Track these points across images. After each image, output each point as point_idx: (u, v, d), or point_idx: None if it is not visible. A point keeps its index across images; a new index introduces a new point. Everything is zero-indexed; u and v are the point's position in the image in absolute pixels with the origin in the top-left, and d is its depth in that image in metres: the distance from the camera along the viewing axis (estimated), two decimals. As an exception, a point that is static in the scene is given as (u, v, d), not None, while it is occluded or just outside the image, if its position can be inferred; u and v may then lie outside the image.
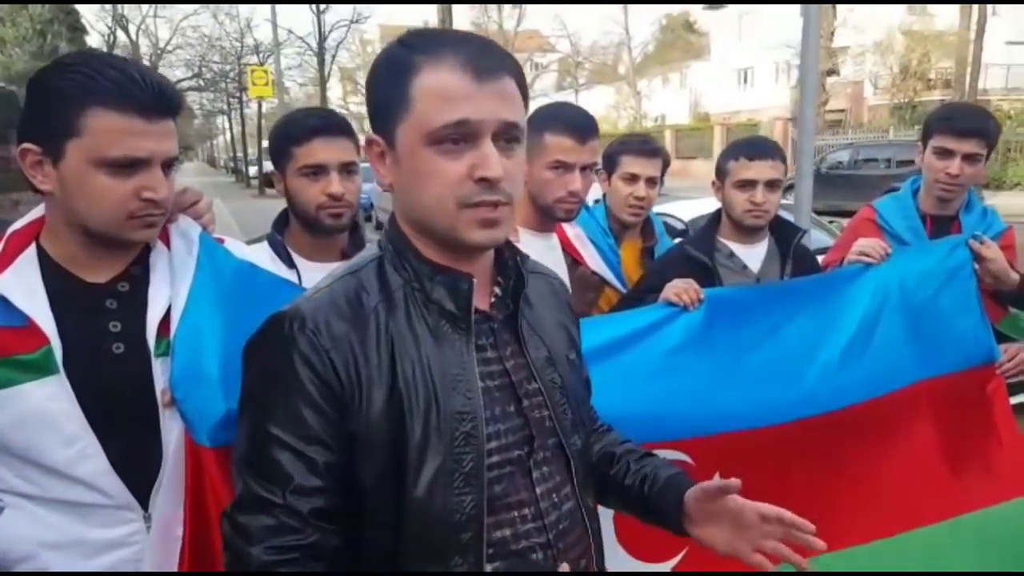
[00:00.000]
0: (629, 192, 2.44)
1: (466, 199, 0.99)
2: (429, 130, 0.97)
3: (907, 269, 2.10)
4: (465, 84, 0.97)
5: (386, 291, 1.04)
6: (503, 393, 1.06)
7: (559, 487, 1.09)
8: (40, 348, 1.21)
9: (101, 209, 1.24)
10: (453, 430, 0.99)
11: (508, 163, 1.00)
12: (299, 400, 0.97)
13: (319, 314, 0.99)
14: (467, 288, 1.03)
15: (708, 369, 1.90)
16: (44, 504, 1.26)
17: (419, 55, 0.99)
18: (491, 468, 1.02)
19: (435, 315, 1.04)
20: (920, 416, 2.08)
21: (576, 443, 1.13)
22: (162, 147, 1.24)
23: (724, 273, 2.21)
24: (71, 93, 1.19)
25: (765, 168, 2.16)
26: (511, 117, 1.00)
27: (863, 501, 2.01)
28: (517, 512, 1.04)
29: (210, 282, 1.35)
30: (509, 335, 1.10)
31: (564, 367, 1.15)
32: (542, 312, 1.17)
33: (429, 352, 1.02)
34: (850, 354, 2.00)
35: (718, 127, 31.25)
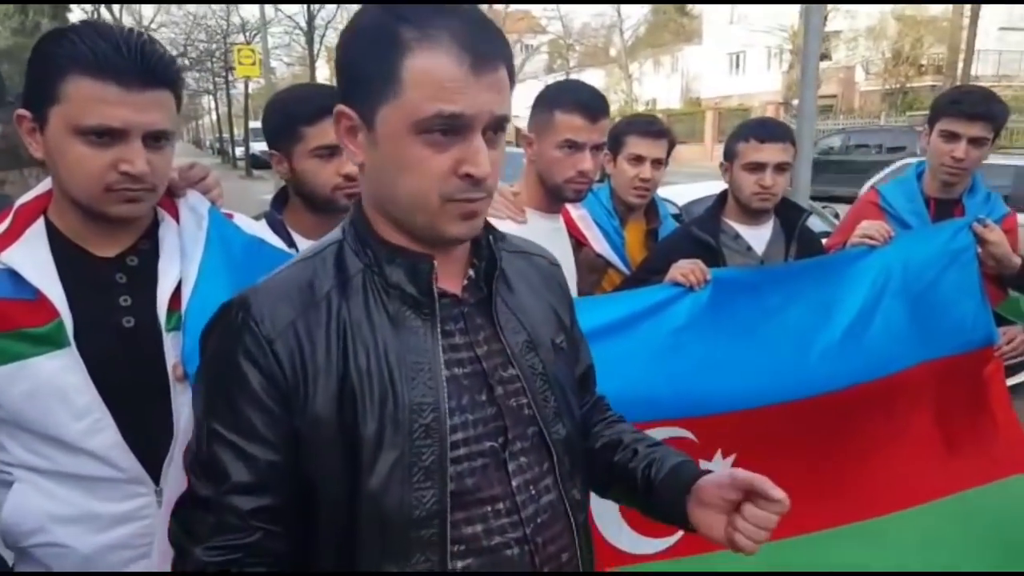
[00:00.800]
0: (635, 173, 2.44)
1: (450, 195, 0.93)
2: (418, 119, 0.90)
3: (910, 252, 2.12)
4: (462, 74, 0.90)
5: (343, 276, 0.99)
6: (473, 381, 1.00)
7: (538, 478, 1.03)
8: (51, 321, 1.20)
9: (78, 180, 1.21)
10: (412, 422, 0.94)
11: (493, 155, 0.95)
12: (240, 396, 0.93)
13: (266, 302, 0.95)
14: (427, 270, 0.98)
15: (713, 349, 1.91)
16: (54, 478, 1.26)
17: (411, 31, 0.90)
18: (458, 461, 0.96)
19: (395, 300, 0.98)
20: (920, 397, 2.11)
21: (559, 432, 1.06)
22: (142, 118, 1.19)
23: (729, 254, 2.21)
24: (56, 60, 1.17)
25: (776, 151, 2.16)
26: (503, 111, 0.94)
27: (864, 479, 2.05)
28: (490, 507, 0.98)
29: (220, 257, 1.35)
30: (483, 319, 1.04)
31: (548, 352, 1.09)
32: (524, 294, 1.11)
33: (387, 339, 0.96)
34: (852, 335, 2.02)
35: (710, 112, 31.24)
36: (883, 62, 27.83)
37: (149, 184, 1.24)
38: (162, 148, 1.25)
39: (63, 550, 1.27)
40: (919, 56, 27.26)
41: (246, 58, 20.33)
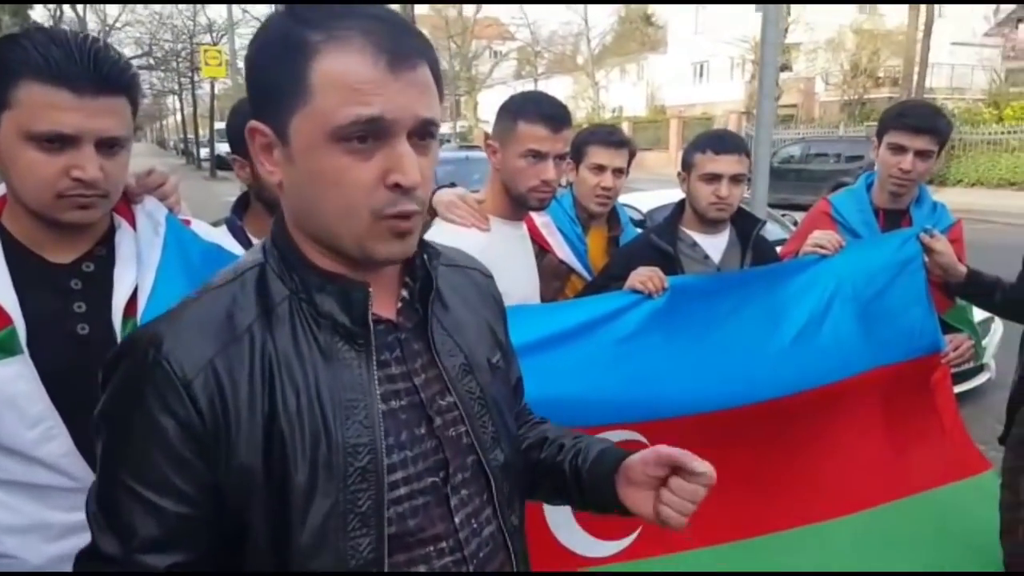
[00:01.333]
0: (596, 182, 2.48)
1: (381, 210, 0.84)
2: (333, 127, 0.82)
3: (860, 261, 2.18)
4: (378, 73, 0.81)
5: (265, 305, 0.89)
6: (411, 414, 0.92)
7: (479, 510, 0.97)
8: (3, 328, 1.18)
9: (30, 186, 1.20)
10: (347, 465, 0.85)
11: (423, 163, 0.86)
12: (151, 444, 0.82)
13: (180, 338, 0.84)
14: (362, 298, 0.89)
15: (668, 354, 1.95)
16: (5, 487, 1.24)
17: (318, 33, 0.82)
18: (398, 502, 0.89)
19: (327, 331, 0.89)
20: (868, 403, 2.17)
21: (498, 458, 1.00)
22: (94, 125, 1.18)
23: (686, 262, 2.26)
24: (8, 65, 1.16)
25: (731, 163, 2.21)
26: (429, 113, 0.85)
27: (811, 484, 2.10)
28: (433, 547, 0.92)
29: (177, 264, 1.34)
30: (420, 344, 0.96)
31: (484, 374, 1.02)
32: (460, 312, 1.04)
33: (318, 375, 0.87)
34: (802, 341, 2.07)
35: (674, 120, 31.65)
36: (842, 74, 28.50)
37: (102, 190, 1.23)
38: (115, 154, 1.24)
39: (13, 561, 1.24)
40: (876, 68, 27.98)
41: (212, 59, 20.09)
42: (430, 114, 0.86)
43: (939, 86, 26.41)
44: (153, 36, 27.99)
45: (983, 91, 24.61)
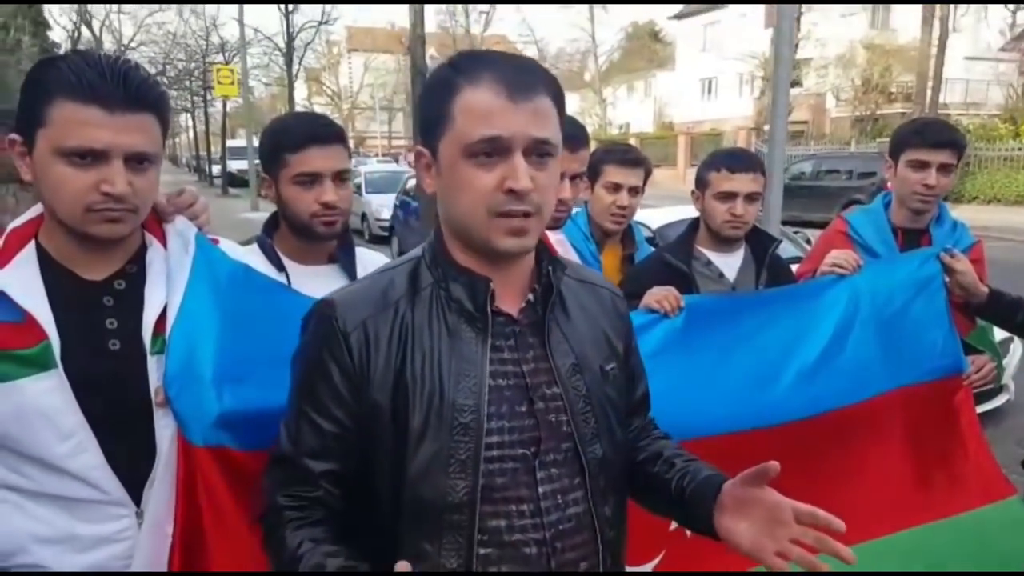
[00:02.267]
0: (612, 200, 2.47)
1: (496, 208, 1.05)
2: (466, 143, 1.05)
3: (879, 281, 2.15)
4: (500, 103, 1.04)
5: (414, 287, 1.13)
6: (515, 393, 1.11)
7: (567, 490, 1.12)
8: (39, 343, 1.22)
9: (61, 199, 1.23)
10: (453, 419, 1.07)
11: (539, 176, 1.06)
12: (318, 377, 1.10)
13: (347, 302, 1.12)
14: (484, 289, 1.10)
15: (685, 375, 1.92)
16: (36, 498, 1.26)
17: (461, 76, 1.06)
18: (490, 460, 1.07)
19: (455, 313, 1.11)
20: (889, 425, 2.13)
21: (596, 451, 1.15)
22: (123, 140, 1.21)
23: (701, 281, 2.23)
24: (43, 85, 1.21)
25: (746, 181, 2.19)
26: (541, 134, 1.05)
27: (833, 508, 2.04)
28: (515, 506, 1.09)
29: (206, 283, 1.36)
30: (535, 340, 1.14)
31: (594, 377, 1.18)
32: (579, 321, 1.20)
33: (442, 346, 1.09)
34: (822, 363, 2.04)
35: (682, 136, 31.72)
36: (853, 89, 28.49)
37: (131, 205, 1.25)
38: (145, 170, 1.26)
39: (44, 571, 1.26)
40: (888, 84, 27.96)
41: (225, 78, 20.33)
42: (543, 135, 1.06)
43: (953, 101, 26.35)
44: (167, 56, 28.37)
45: (999, 106, 24.52)
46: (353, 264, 1.82)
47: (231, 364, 1.32)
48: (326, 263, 1.83)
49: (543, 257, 1.18)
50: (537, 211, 1.07)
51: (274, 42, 27.45)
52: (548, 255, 1.19)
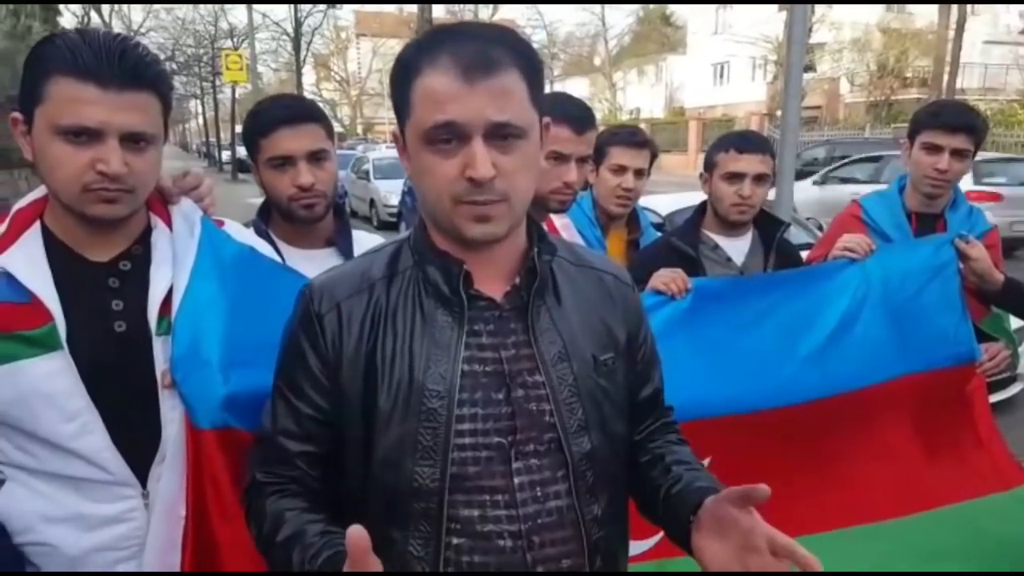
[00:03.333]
0: (617, 183, 2.43)
1: (459, 197, 1.01)
2: (423, 131, 1.01)
3: (891, 265, 2.11)
4: (455, 86, 0.98)
5: (392, 269, 1.11)
6: (491, 379, 1.06)
7: (547, 483, 1.07)
8: (45, 325, 1.22)
9: (58, 178, 1.22)
10: (420, 404, 1.04)
11: (503, 160, 1.00)
12: (295, 359, 1.11)
13: (326, 285, 1.11)
14: (457, 272, 1.06)
15: (691, 357, 1.89)
16: (44, 478, 1.28)
17: (422, 56, 1.01)
18: (462, 448, 1.04)
19: (432, 297, 1.08)
20: (899, 411, 2.10)
21: (583, 445, 1.09)
22: (118, 119, 1.19)
23: (708, 265, 2.21)
24: (42, 62, 1.19)
25: (754, 162, 2.15)
26: (500, 117, 0.99)
27: (838, 490, 2.04)
28: (489, 496, 1.05)
29: (211, 265, 1.36)
30: (518, 325, 1.09)
31: (584, 366, 1.11)
32: (571, 308, 1.14)
33: (415, 330, 1.07)
34: (831, 346, 2.01)
35: (693, 121, 31.48)
36: (868, 74, 28.16)
37: (127, 185, 1.23)
38: (142, 150, 1.24)
39: (51, 550, 1.28)
40: (904, 68, 27.60)
41: (233, 63, 20.33)
42: (502, 117, 0.99)
43: (971, 87, 25.97)
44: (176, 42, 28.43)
45: (1018, 91, 24.15)
46: (350, 248, 1.81)
47: (237, 346, 1.31)
48: (323, 247, 1.82)
49: (532, 240, 1.13)
50: (504, 197, 1.02)
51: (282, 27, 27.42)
52: (540, 236, 1.14)
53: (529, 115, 1.03)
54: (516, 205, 1.04)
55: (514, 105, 1.00)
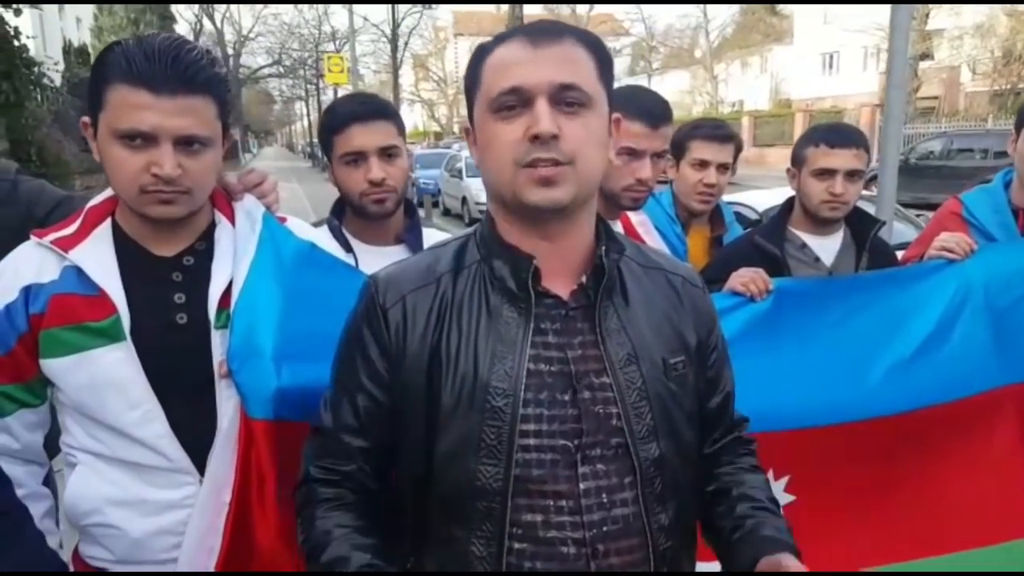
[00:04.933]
0: (699, 179, 2.36)
1: (522, 158, 1.00)
2: (489, 99, 1.02)
3: (994, 267, 1.96)
4: (521, 53, 1.01)
5: (459, 263, 1.10)
6: (557, 380, 1.04)
7: (615, 489, 1.04)
8: (110, 316, 1.28)
9: (118, 180, 1.27)
10: (484, 401, 1.02)
11: (568, 123, 1.00)
12: (357, 352, 1.10)
13: (392, 278, 1.11)
14: (526, 268, 1.04)
15: (771, 363, 1.81)
16: (110, 463, 1.34)
17: (495, 42, 1.06)
18: (526, 449, 1.02)
19: (498, 292, 1.06)
20: (1000, 424, 1.95)
21: (651, 451, 1.06)
22: (171, 123, 1.23)
23: (794, 265, 2.11)
24: (102, 69, 1.24)
25: (847, 157, 2.05)
26: (565, 79, 1.00)
27: (933, 513, 1.91)
28: (553, 501, 1.02)
29: (270, 260, 1.39)
30: (585, 325, 1.07)
31: (653, 369, 1.08)
32: (641, 309, 1.11)
33: (481, 325, 1.05)
34: (925, 353, 1.88)
35: (800, 114, 30.19)
36: (992, 61, 26.18)
37: (182, 187, 1.27)
38: (196, 153, 1.27)
39: (116, 531, 1.34)
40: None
41: (335, 66, 21.05)
42: (568, 79, 1.00)
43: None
44: (283, 46, 29.71)
45: None
46: (420, 245, 1.83)
47: (292, 340, 1.34)
48: (393, 243, 1.87)
49: (601, 238, 1.11)
50: (569, 160, 1.00)
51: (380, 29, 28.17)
52: (608, 234, 1.13)
53: (596, 87, 1.03)
54: (582, 173, 1.01)
55: (580, 71, 1.01)
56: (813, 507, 1.85)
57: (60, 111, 10.72)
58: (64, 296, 1.28)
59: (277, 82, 32.44)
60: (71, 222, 1.36)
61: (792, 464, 1.85)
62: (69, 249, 1.30)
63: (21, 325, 1.28)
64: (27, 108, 9.19)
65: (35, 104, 9.60)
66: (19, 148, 8.86)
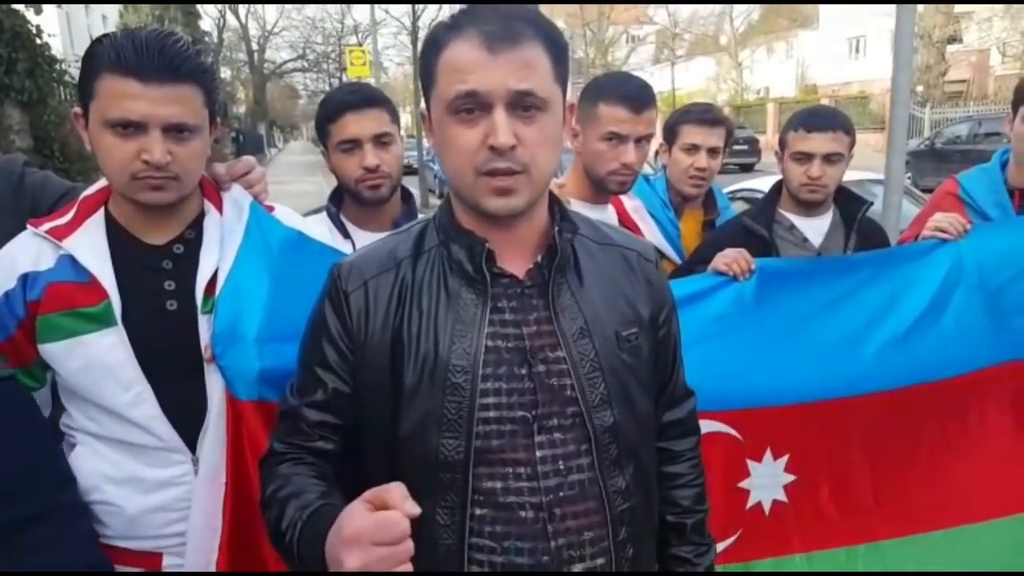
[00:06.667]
0: (690, 163, 2.38)
1: (480, 167, 1.02)
2: (446, 101, 1.02)
3: (988, 246, 1.96)
4: (478, 56, 1.00)
5: (418, 248, 1.14)
6: (514, 355, 1.08)
7: (571, 456, 1.09)
8: (102, 302, 1.32)
9: (110, 168, 1.31)
10: (445, 379, 1.06)
11: (525, 131, 1.02)
12: (321, 334, 1.14)
13: (354, 264, 1.15)
14: (480, 251, 1.08)
15: (758, 340, 1.83)
16: (107, 443, 1.39)
17: (449, 32, 1.04)
18: (486, 422, 1.06)
19: (456, 275, 1.10)
20: (997, 399, 1.95)
21: (605, 419, 1.11)
22: (160, 111, 1.26)
23: (783, 246, 2.13)
24: (92, 60, 1.28)
25: (824, 140, 2.06)
26: (523, 86, 1.00)
27: (925, 488, 1.92)
28: (512, 468, 1.07)
29: (256, 248, 1.43)
30: (540, 302, 1.11)
31: (606, 342, 1.13)
32: (593, 285, 1.16)
33: (440, 307, 1.09)
34: (919, 330, 1.89)
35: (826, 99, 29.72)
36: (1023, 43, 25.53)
37: (171, 173, 1.31)
38: (186, 140, 1.32)
39: (114, 508, 1.39)
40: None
41: (357, 59, 21.16)
42: (525, 86, 1.01)
43: None
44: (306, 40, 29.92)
45: None
46: None
47: (277, 324, 1.37)
48: (389, 228, 1.89)
49: (554, 218, 1.15)
50: (524, 169, 1.03)
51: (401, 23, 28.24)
52: (563, 215, 1.16)
53: (551, 89, 1.04)
54: (536, 178, 1.05)
55: (537, 76, 1.02)
56: (813, 484, 1.88)
57: (84, 108, 10.92)
58: (59, 283, 1.33)
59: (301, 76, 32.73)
60: (65, 212, 1.41)
61: (790, 442, 1.87)
62: (63, 238, 1.35)
63: (19, 311, 1.34)
64: (49, 105, 9.35)
65: (57, 101, 9.76)
66: (42, 144, 9.05)
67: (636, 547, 1.15)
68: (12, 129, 8.70)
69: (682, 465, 1.32)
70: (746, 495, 1.87)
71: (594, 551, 1.10)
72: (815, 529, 1.90)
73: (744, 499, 1.87)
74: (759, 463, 1.87)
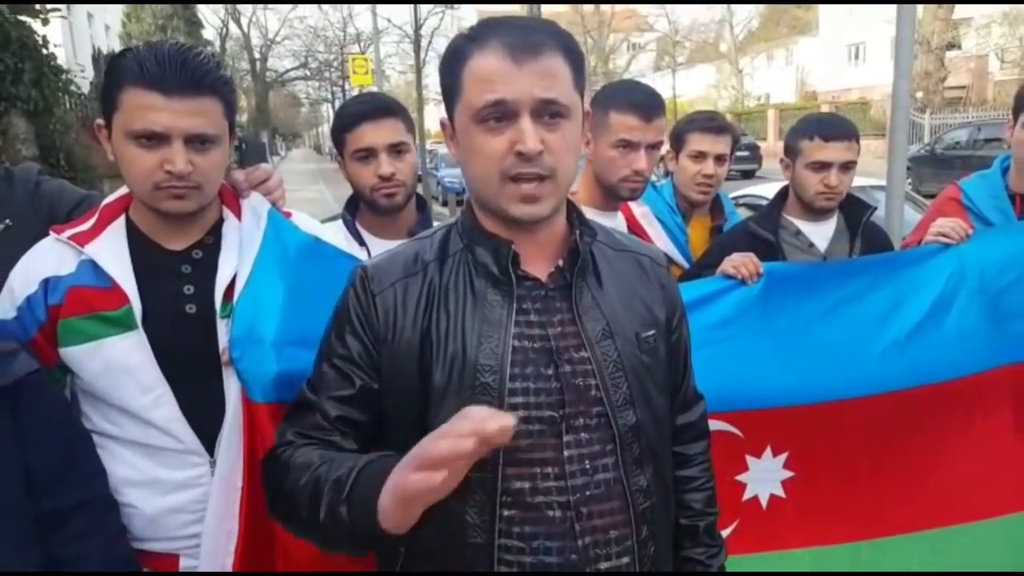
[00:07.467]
0: (697, 170, 2.42)
1: (507, 172, 1.06)
2: (474, 110, 1.06)
3: (990, 251, 1.99)
4: (504, 66, 1.04)
5: (444, 252, 1.17)
6: (540, 355, 1.11)
7: (596, 456, 1.11)
8: (122, 306, 1.36)
9: (134, 178, 1.35)
10: (474, 378, 1.08)
11: (550, 137, 1.06)
12: (347, 329, 1.15)
13: (380, 266, 1.17)
14: (506, 253, 1.11)
15: (763, 343, 1.87)
16: (126, 445, 1.41)
17: (471, 44, 1.07)
18: None
19: (481, 277, 1.13)
20: (999, 401, 1.98)
21: (628, 418, 1.14)
22: (182, 123, 1.30)
23: (789, 251, 2.17)
24: (115, 73, 1.32)
25: (841, 150, 2.10)
26: (548, 95, 1.05)
27: (925, 487, 1.95)
28: (539, 468, 1.09)
29: (274, 254, 1.46)
30: (563, 304, 1.14)
31: (627, 343, 1.16)
32: (613, 288, 1.19)
33: (467, 309, 1.11)
34: (920, 334, 1.92)
35: (826, 106, 29.78)
36: (1021, 49, 25.59)
37: (193, 183, 1.35)
38: (206, 150, 1.36)
39: (133, 510, 1.41)
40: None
41: (360, 67, 21.19)
42: (550, 95, 1.05)
43: None
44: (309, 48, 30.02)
45: None
46: None
47: (294, 328, 1.39)
48: (404, 236, 1.93)
49: (574, 223, 1.19)
50: (551, 174, 1.07)
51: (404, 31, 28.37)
52: (581, 220, 1.20)
53: (573, 97, 1.09)
54: (561, 183, 1.09)
55: (559, 85, 1.06)
56: (811, 482, 1.91)
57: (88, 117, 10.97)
58: (80, 288, 1.37)
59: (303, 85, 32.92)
60: (87, 219, 1.45)
61: (789, 440, 1.90)
62: (85, 244, 1.39)
63: (41, 315, 1.37)
64: (55, 114, 9.40)
65: (63, 111, 9.82)
66: (48, 154, 9.08)
67: (656, 546, 1.18)
68: (18, 138, 8.75)
69: (694, 469, 1.35)
70: (743, 488, 1.92)
71: (619, 549, 1.12)
72: (816, 525, 1.94)
73: (740, 491, 1.91)
74: (758, 459, 1.91)
